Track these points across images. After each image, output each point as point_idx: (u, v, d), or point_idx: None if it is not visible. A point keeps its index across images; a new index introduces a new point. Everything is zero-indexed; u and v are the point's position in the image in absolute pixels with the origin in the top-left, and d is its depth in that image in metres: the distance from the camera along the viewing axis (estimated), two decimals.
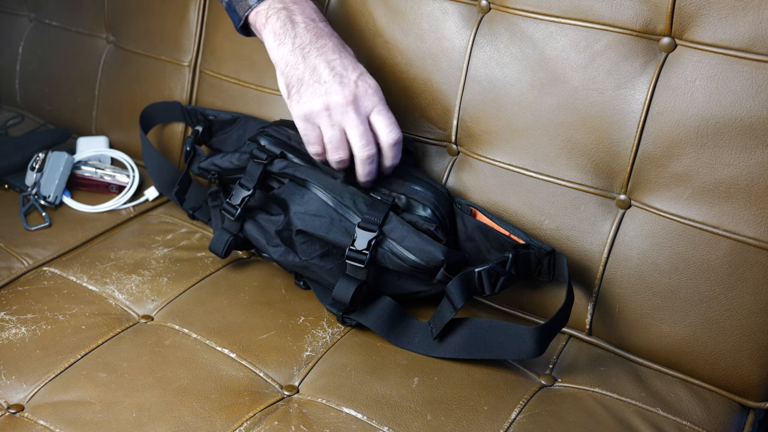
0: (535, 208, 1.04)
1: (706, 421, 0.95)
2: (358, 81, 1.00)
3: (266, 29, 1.03)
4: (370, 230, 1.00)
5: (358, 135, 1.00)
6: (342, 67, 1.00)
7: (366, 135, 1.00)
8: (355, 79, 0.99)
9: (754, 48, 0.90)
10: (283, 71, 1.02)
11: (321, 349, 1.01)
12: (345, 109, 0.99)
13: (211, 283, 1.12)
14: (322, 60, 1.00)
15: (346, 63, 1.00)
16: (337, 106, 0.99)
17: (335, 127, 1.00)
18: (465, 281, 0.97)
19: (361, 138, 1.00)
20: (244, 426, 0.90)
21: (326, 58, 1.00)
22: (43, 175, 1.27)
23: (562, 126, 1.01)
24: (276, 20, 1.02)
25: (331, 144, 1.01)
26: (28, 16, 1.51)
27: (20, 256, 1.17)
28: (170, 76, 1.34)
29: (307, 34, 1.01)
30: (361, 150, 1.01)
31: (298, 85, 1.00)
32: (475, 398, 0.94)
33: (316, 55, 1.00)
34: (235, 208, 1.09)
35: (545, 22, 1.01)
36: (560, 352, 1.04)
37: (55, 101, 1.47)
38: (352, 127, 1.00)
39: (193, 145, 1.23)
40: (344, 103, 0.99)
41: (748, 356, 0.96)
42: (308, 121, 1.01)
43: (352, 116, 0.99)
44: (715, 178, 0.93)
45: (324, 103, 0.99)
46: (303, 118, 1.01)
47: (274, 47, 1.02)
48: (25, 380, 0.95)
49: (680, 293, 0.97)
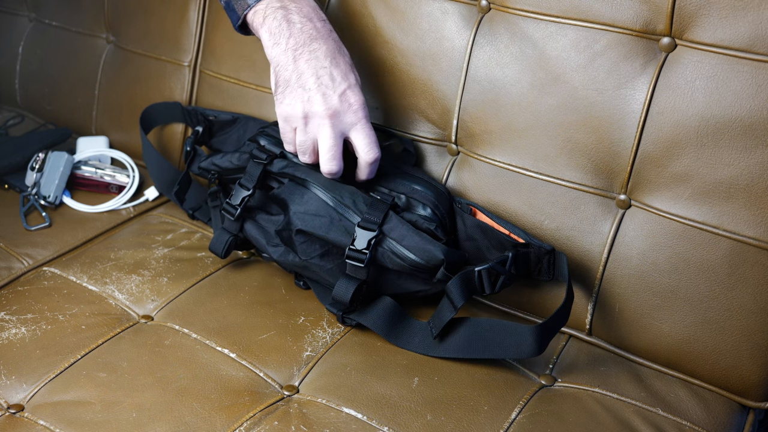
0: (535, 208, 1.04)
1: (706, 421, 0.95)
2: (343, 96, 1.00)
3: (263, 28, 1.03)
4: (369, 229, 1.00)
5: (326, 149, 1.01)
6: (329, 77, 1.00)
7: (333, 151, 1.01)
8: (340, 93, 1.00)
9: (754, 48, 0.90)
10: (274, 69, 1.03)
11: (321, 349, 1.01)
12: (321, 121, 1.00)
13: (211, 283, 1.12)
14: (311, 66, 1.00)
15: (335, 73, 1.00)
16: (315, 117, 1.00)
17: (308, 135, 1.02)
18: (465, 280, 0.97)
19: (327, 152, 1.01)
20: (244, 426, 0.90)
21: (315, 65, 1.00)
22: (43, 175, 1.27)
23: (562, 126, 1.01)
24: (273, 20, 1.02)
25: (300, 148, 1.03)
26: (28, 16, 1.51)
27: (20, 256, 1.17)
28: (170, 76, 1.34)
29: (302, 35, 1.01)
30: (325, 164, 1.02)
31: (284, 86, 1.01)
32: (475, 398, 0.94)
33: (307, 59, 1.00)
34: (235, 208, 1.09)
35: (545, 22, 1.01)
36: (560, 352, 1.04)
37: (55, 101, 1.47)
38: (323, 141, 1.01)
39: (193, 146, 1.23)
40: (322, 115, 1.00)
41: (748, 356, 0.96)
42: (287, 122, 1.03)
43: (326, 130, 1.00)
44: (715, 178, 0.93)
45: (303, 110, 1.00)
46: (282, 118, 1.03)
47: (269, 46, 1.03)
48: (25, 380, 0.95)
49: (680, 293, 0.97)
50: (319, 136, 1.01)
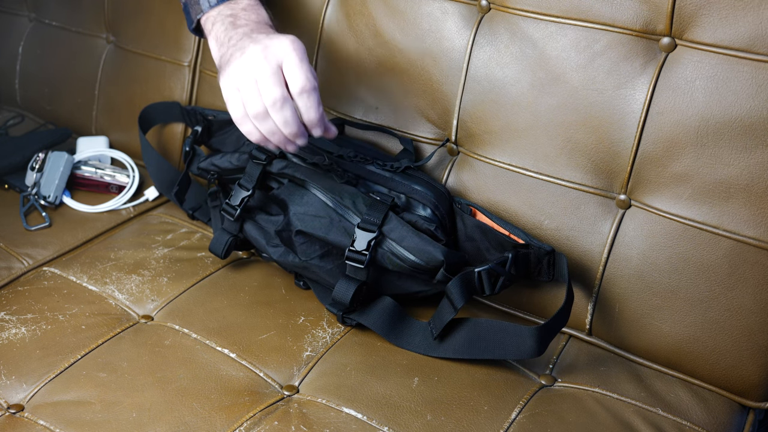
0: (535, 208, 1.04)
1: (706, 421, 0.95)
2: (272, 36, 0.97)
3: (211, 35, 1.06)
4: (369, 231, 1.00)
5: (272, 101, 0.94)
6: (266, 36, 0.97)
7: (280, 101, 0.94)
8: (273, 38, 0.96)
9: (754, 48, 0.90)
10: (219, 66, 1.02)
11: (321, 349, 1.01)
12: (259, 65, 0.94)
13: (211, 283, 1.12)
14: (248, 38, 0.99)
15: (271, 33, 0.99)
16: (252, 65, 0.95)
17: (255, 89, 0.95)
18: (465, 281, 0.97)
19: (274, 104, 0.94)
20: (244, 426, 0.90)
21: (252, 37, 0.99)
22: (43, 175, 1.27)
23: (562, 126, 1.01)
24: (220, 26, 1.05)
25: (253, 112, 0.96)
26: (28, 16, 1.51)
27: (20, 256, 1.17)
28: (170, 76, 1.34)
29: (245, 29, 1.02)
30: (275, 112, 0.95)
31: (227, 65, 0.98)
32: (475, 398, 0.94)
33: (244, 38, 0.99)
34: (235, 208, 1.09)
35: (545, 22, 1.01)
36: (560, 352, 1.04)
37: (55, 101, 1.47)
38: (265, 88, 0.94)
39: (193, 146, 1.23)
40: (259, 57, 0.94)
41: (748, 356, 0.96)
42: (232, 91, 0.97)
43: (266, 74, 0.94)
44: (715, 178, 0.93)
45: (243, 66, 0.95)
46: (229, 89, 0.97)
47: (215, 51, 1.05)
48: (25, 380, 0.95)
49: (680, 293, 0.97)
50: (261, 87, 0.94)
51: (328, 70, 1.18)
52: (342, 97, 1.18)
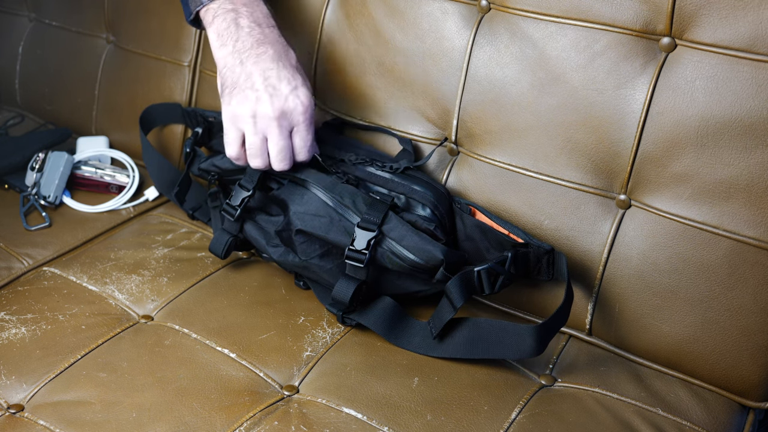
0: (534, 208, 1.04)
1: (706, 421, 0.95)
2: (290, 96, 1.01)
3: (211, 28, 1.06)
4: (369, 230, 1.00)
5: (277, 150, 1.03)
6: (277, 78, 1.01)
7: (284, 152, 1.03)
8: (287, 93, 1.01)
9: (754, 48, 0.90)
10: (220, 71, 1.05)
11: (321, 349, 1.01)
12: (270, 122, 1.01)
13: (211, 283, 1.12)
14: (258, 68, 1.01)
15: (283, 75, 1.02)
16: (263, 117, 1.01)
17: (258, 135, 1.02)
18: (464, 280, 0.97)
19: (279, 153, 1.03)
20: (244, 426, 0.90)
21: (263, 67, 1.02)
22: (43, 175, 1.27)
23: (562, 126, 1.01)
24: (222, 21, 1.05)
25: (251, 150, 1.04)
26: (28, 16, 1.51)
27: (20, 256, 1.17)
28: (170, 76, 1.34)
29: (249, 39, 1.03)
30: (277, 164, 1.04)
31: (231, 87, 1.03)
32: (475, 398, 0.94)
33: (254, 62, 1.02)
34: (235, 209, 1.09)
35: (545, 22, 1.01)
36: (560, 352, 1.04)
37: (55, 101, 1.47)
38: (273, 140, 1.02)
39: (193, 147, 1.23)
40: (271, 116, 1.01)
41: (748, 356, 0.96)
42: (234, 123, 1.03)
43: (275, 130, 1.01)
44: (715, 178, 0.93)
45: (252, 111, 1.01)
46: (230, 120, 1.03)
47: (216, 47, 1.05)
48: (25, 380, 0.95)
49: (680, 293, 0.97)
50: (269, 136, 1.02)
51: (328, 70, 1.18)
52: (342, 97, 1.18)
